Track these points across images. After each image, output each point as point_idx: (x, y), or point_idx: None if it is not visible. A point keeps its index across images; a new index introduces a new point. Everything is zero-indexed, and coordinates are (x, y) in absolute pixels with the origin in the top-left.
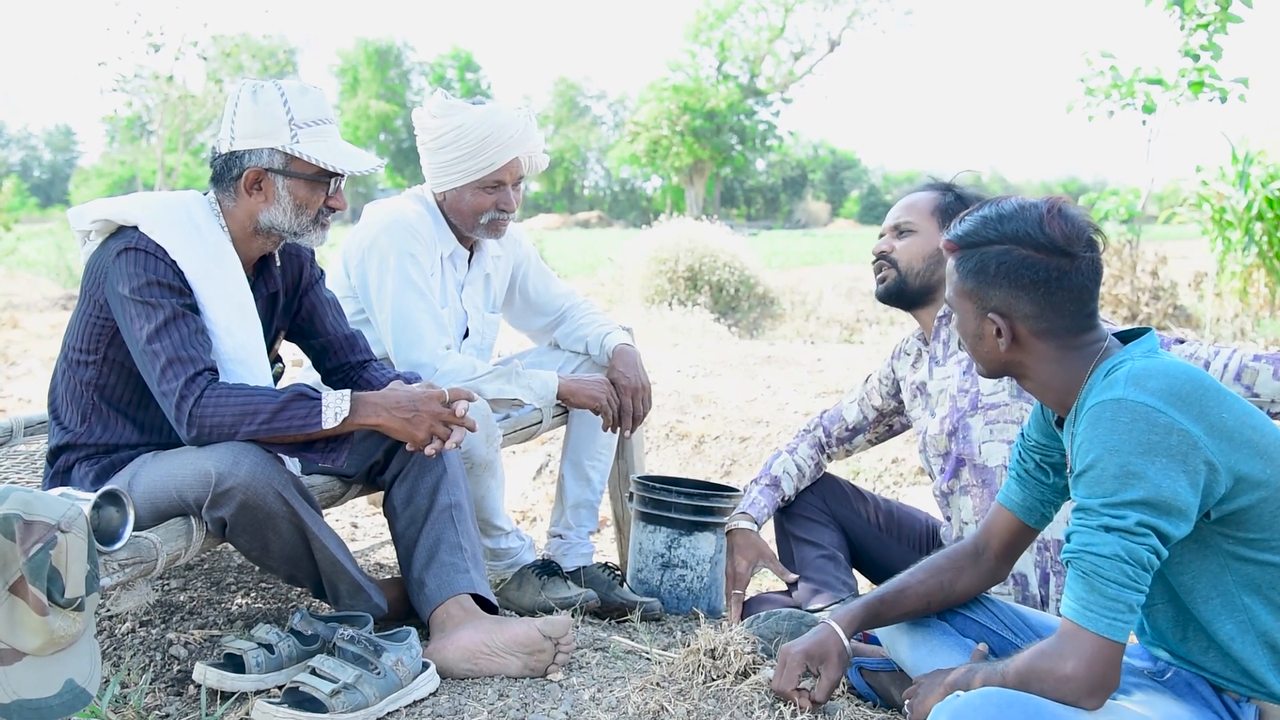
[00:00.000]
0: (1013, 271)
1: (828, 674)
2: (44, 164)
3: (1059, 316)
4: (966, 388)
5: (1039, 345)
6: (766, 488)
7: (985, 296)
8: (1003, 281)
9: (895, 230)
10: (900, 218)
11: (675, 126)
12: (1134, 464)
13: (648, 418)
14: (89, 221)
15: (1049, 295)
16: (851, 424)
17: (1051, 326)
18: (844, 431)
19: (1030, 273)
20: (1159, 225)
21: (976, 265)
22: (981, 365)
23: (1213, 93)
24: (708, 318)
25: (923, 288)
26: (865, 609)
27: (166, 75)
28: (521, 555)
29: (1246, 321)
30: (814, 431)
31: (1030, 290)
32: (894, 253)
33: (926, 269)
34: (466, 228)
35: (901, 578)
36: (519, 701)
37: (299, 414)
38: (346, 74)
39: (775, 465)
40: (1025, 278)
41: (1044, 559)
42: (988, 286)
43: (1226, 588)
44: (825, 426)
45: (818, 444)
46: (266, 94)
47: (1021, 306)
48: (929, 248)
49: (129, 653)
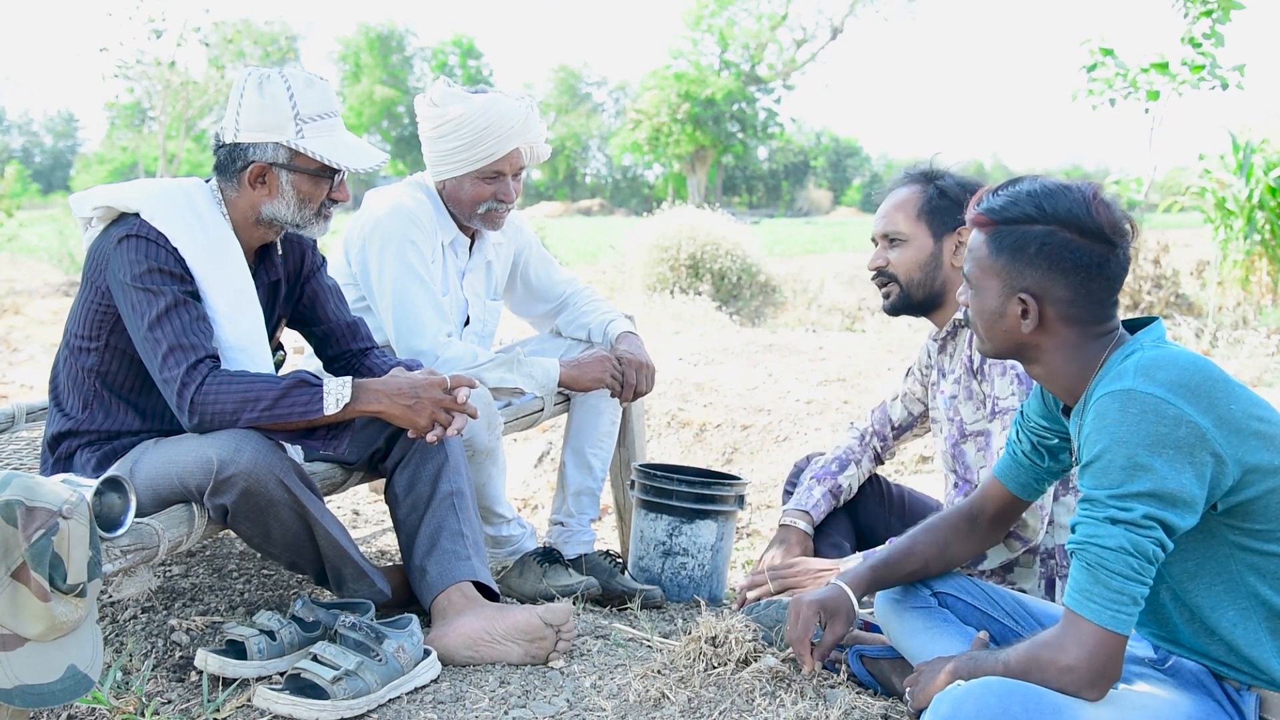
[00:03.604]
0: (1055, 254)
1: (834, 629)
2: (46, 150)
3: (1090, 304)
4: (952, 416)
5: (1063, 331)
6: (829, 493)
7: (1019, 275)
8: (1042, 263)
9: (886, 240)
10: (888, 227)
11: (676, 114)
12: (1141, 456)
13: (650, 406)
14: (91, 208)
15: (1087, 282)
16: (898, 423)
17: (1081, 313)
18: (893, 432)
19: (1074, 257)
20: (1161, 213)
21: (1015, 243)
22: (990, 344)
23: (1214, 80)
24: (709, 306)
25: (928, 296)
26: (871, 572)
27: (168, 61)
28: (523, 543)
29: (1249, 309)
30: (870, 442)
31: (1070, 275)
32: (890, 266)
33: (927, 277)
34: (464, 217)
35: (903, 542)
36: (520, 689)
37: (300, 401)
38: (348, 60)
39: (844, 475)
40: (1068, 262)
41: (1049, 568)
42: (1024, 265)
43: (1231, 577)
44: (879, 432)
45: (875, 455)
46: (272, 86)
47: (1057, 290)
48: (923, 255)
49: (131, 639)
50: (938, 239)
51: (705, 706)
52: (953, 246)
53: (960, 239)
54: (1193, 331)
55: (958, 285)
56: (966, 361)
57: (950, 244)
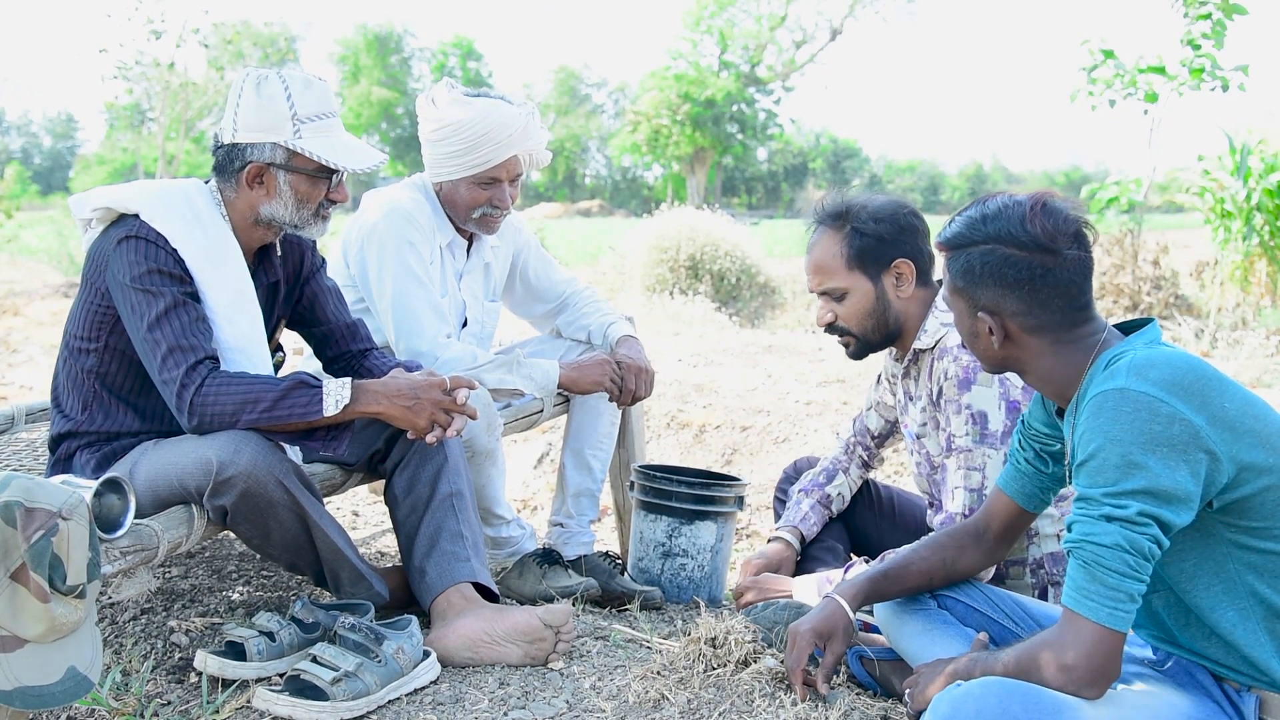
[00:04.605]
0: (997, 270)
1: (833, 649)
2: (45, 151)
3: (1047, 313)
4: (918, 450)
5: (1032, 341)
6: (818, 504)
7: (974, 295)
8: (989, 280)
9: (828, 296)
10: (825, 284)
11: (676, 115)
12: (1136, 454)
13: (650, 407)
14: (90, 209)
15: (1035, 292)
16: (877, 431)
17: (1041, 323)
18: (873, 441)
19: (1014, 271)
20: (1160, 214)
21: (964, 266)
22: (984, 362)
23: (1214, 81)
24: (709, 307)
25: (886, 335)
26: (869, 584)
27: (168, 62)
28: (522, 544)
29: (1248, 310)
30: (856, 450)
31: (1015, 288)
32: (840, 320)
33: (878, 320)
34: (460, 220)
35: (904, 554)
36: (520, 690)
37: (300, 402)
38: (348, 61)
39: (832, 486)
40: (1009, 276)
41: (1040, 578)
42: (976, 286)
43: (1229, 576)
44: (860, 441)
45: (863, 462)
46: (270, 86)
47: (1009, 304)
48: (868, 301)
49: (130, 640)
50: (875, 280)
51: (705, 708)
52: (892, 280)
53: (899, 270)
54: (1192, 332)
55: (911, 313)
56: (930, 393)
57: (889, 279)
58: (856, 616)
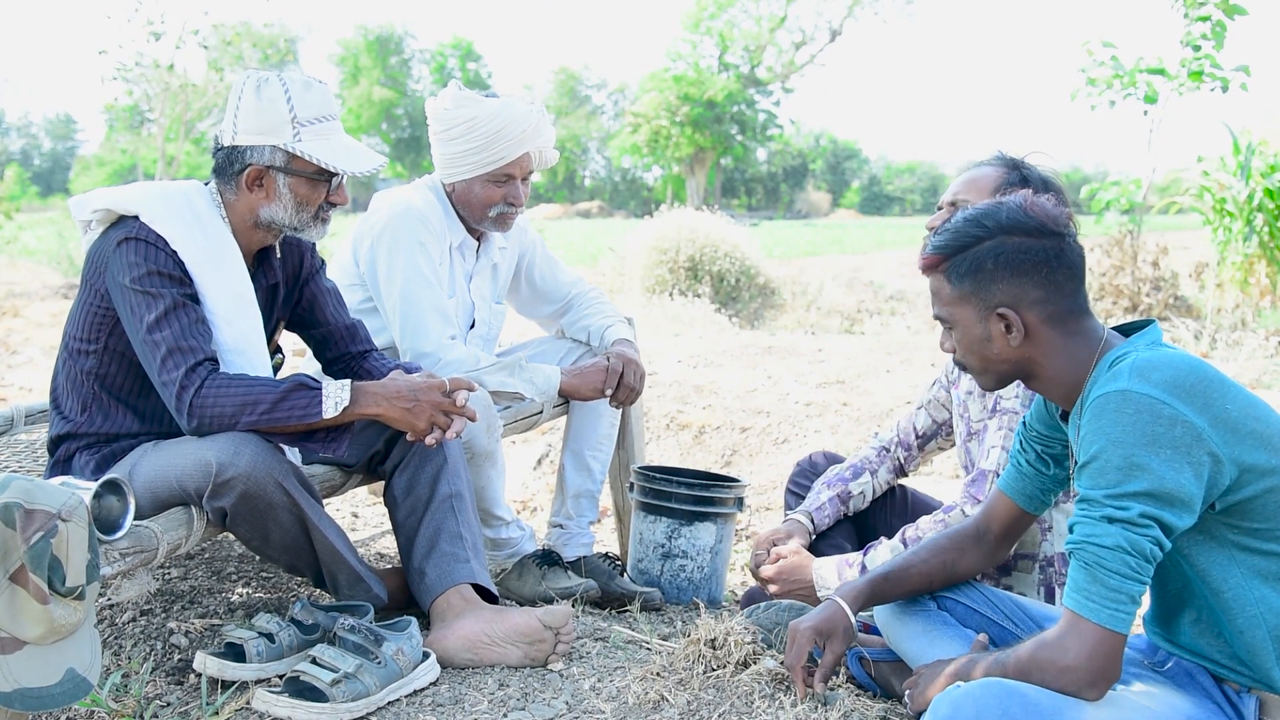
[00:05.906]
0: (1012, 260)
1: (833, 648)
2: (45, 152)
3: (1063, 297)
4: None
5: (1049, 334)
6: (836, 498)
7: (988, 294)
8: (1004, 273)
9: (954, 207)
10: (959, 194)
11: (675, 117)
12: (1138, 455)
13: (649, 408)
14: (90, 211)
15: (1052, 275)
16: (922, 430)
17: (1058, 309)
18: (917, 440)
19: (1029, 257)
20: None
21: (971, 266)
22: (989, 376)
23: (1214, 82)
24: (708, 308)
25: None
26: (870, 586)
27: (167, 64)
28: (522, 545)
29: (1247, 311)
30: (894, 453)
31: (1033, 274)
32: None
33: None
34: (474, 220)
35: (905, 556)
36: (519, 691)
37: (299, 404)
38: (347, 62)
39: (855, 483)
40: (1026, 263)
41: (1047, 575)
42: (989, 283)
43: (1237, 579)
44: (903, 441)
45: (897, 468)
46: (270, 89)
47: (1028, 293)
48: None
49: (130, 641)
50: None
51: (704, 709)
52: None
53: None
54: (1192, 333)
55: None
56: None
57: None
58: (856, 618)
